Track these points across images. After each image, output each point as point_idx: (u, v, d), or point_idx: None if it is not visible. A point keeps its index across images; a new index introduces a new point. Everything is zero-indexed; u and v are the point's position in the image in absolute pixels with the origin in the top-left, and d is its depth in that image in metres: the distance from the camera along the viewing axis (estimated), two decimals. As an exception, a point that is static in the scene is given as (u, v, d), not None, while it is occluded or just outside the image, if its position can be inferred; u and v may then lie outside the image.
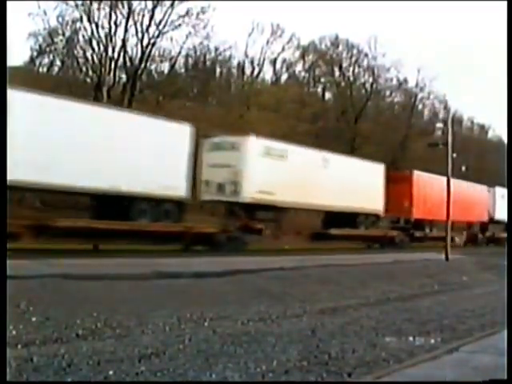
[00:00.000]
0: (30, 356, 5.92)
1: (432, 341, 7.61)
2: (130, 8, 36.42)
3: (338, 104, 54.13)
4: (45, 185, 16.96)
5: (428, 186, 31.12)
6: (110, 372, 5.54)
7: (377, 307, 11.10)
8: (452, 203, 23.49)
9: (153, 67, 42.05)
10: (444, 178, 23.88)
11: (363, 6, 76.70)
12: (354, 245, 27.18)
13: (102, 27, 36.28)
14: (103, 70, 36.46)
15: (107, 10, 36.15)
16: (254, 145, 22.01)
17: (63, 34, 37.52)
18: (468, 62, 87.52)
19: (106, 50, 36.61)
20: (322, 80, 57.77)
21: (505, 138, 57.73)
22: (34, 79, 31.20)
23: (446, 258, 22.35)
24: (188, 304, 9.47)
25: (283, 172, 22.36)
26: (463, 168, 35.58)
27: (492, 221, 39.88)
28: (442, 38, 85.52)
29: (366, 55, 54.40)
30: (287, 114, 46.25)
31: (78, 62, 39.15)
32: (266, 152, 22.17)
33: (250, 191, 21.53)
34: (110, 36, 36.58)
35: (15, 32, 38.44)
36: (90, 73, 38.50)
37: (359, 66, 55.17)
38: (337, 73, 55.37)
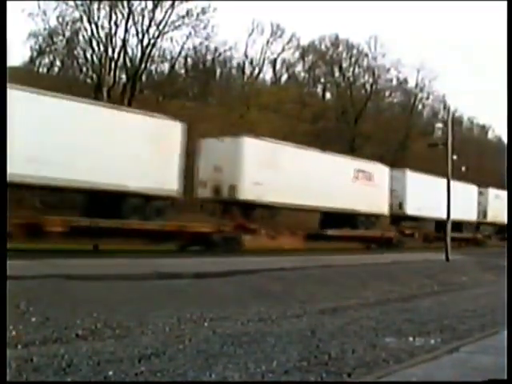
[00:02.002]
0: (29, 356, 5.92)
1: (432, 341, 7.60)
2: (130, 8, 36.45)
3: (338, 104, 54.14)
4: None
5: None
6: (110, 372, 5.54)
7: (377, 307, 11.10)
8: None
9: (153, 67, 42.13)
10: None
11: (363, 6, 76.86)
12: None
13: (102, 27, 36.36)
14: (103, 70, 36.46)
15: (107, 10, 36.21)
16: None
17: (63, 35, 37.54)
18: (468, 61, 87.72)
19: (106, 50, 36.63)
20: (322, 80, 57.81)
21: (505, 138, 57.89)
22: (34, 79, 31.15)
23: (447, 259, 22.32)
24: (188, 304, 9.47)
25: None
26: (463, 168, 35.75)
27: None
28: (442, 37, 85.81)
29: (366, 55, 54.51)
30: (287, 114, 46.21)
31: (78, 63, 39.18)
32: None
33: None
34: (110, 36, 36.63)
35: (15, 32, 38.56)
36: (90, 73, 38.52)
37: (359, 67, 55.22)
38: (337, 73, 55.40)
